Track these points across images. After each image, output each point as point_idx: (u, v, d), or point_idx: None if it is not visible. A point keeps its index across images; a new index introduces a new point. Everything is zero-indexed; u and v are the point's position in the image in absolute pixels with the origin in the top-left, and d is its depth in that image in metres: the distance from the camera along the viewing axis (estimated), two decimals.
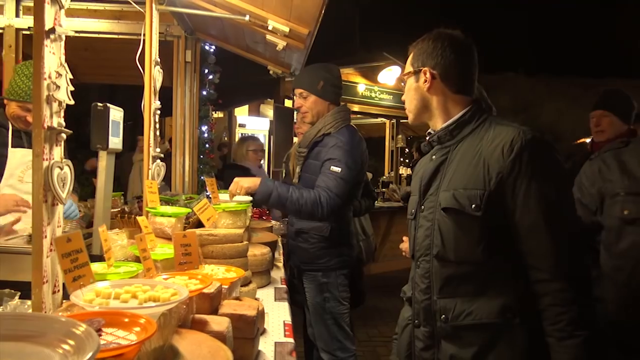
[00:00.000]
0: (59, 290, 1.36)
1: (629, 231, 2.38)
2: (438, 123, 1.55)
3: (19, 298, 1.42)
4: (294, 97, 2.78)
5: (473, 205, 1.36)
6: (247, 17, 2.97)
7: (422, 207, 1.53)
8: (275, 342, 1.72)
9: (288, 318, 2.00)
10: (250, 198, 2.56)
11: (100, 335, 0.96)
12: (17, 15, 3.62)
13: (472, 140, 1.45)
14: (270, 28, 3.09)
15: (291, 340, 1.76)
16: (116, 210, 2.84)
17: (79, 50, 4.14)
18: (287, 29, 3.10)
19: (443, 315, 1.44)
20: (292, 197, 2.44)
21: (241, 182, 2.47)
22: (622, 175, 2.43)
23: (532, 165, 1.33)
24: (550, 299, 1.31)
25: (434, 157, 1.55)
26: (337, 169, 2.50)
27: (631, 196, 2.38)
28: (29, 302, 1.34)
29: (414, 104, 1.57)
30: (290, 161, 3.13)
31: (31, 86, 2.42)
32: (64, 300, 1.32)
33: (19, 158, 2.55)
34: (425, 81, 1.52)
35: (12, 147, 2.55)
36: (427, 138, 1.59)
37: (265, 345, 1.68)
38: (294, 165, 2.94)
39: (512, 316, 1.35)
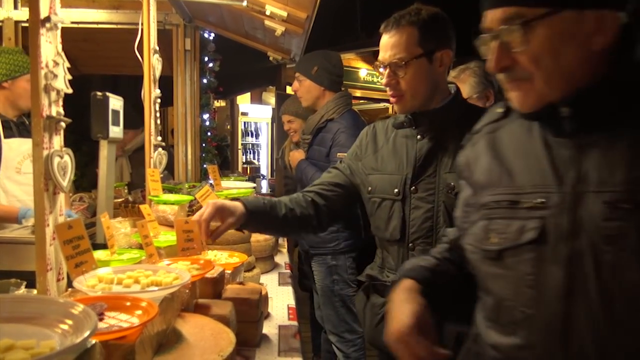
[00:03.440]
0: (63, 278, 1.37)
1: None
2: (430, 106, 1.49)
3: (25, 287, 1.44)
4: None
5: None
6: (244, 3, 2.94)
7: (414, 188, 1.49)
8: (279, 325, 1.74)
9: (292, 302, 2.02)
10: (253, 185, 2.91)
11: (102, 319, 0.97)
12: (15, 8, 3.60)
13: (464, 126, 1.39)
14: (268, 13, 3.07)
15: (295, 323, 1.78)
16: (120, 200, 2.87)
17: (78, 42, 4.10)
18: (285, 14, 3.07)
19: None
20: (308, 175, 2.62)
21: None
22: None
23: None
24: None
25: (419, 137, 1.51)
26: (343, 155, 2.51)
27: None
28: (34, 291, 1.36)
29: (424, 88, 1.47)
30: (286, 155, 3.15)
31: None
32: (69, 289, 1.34)
33: (14, 148, 2.50)
34: (441, 65, 1.46)
35: (4, 138, 2.48)
36: (410, 117, 1.52)
37: (270, 329, 1.70)
38: (289, 159, 2.96)
39: None
